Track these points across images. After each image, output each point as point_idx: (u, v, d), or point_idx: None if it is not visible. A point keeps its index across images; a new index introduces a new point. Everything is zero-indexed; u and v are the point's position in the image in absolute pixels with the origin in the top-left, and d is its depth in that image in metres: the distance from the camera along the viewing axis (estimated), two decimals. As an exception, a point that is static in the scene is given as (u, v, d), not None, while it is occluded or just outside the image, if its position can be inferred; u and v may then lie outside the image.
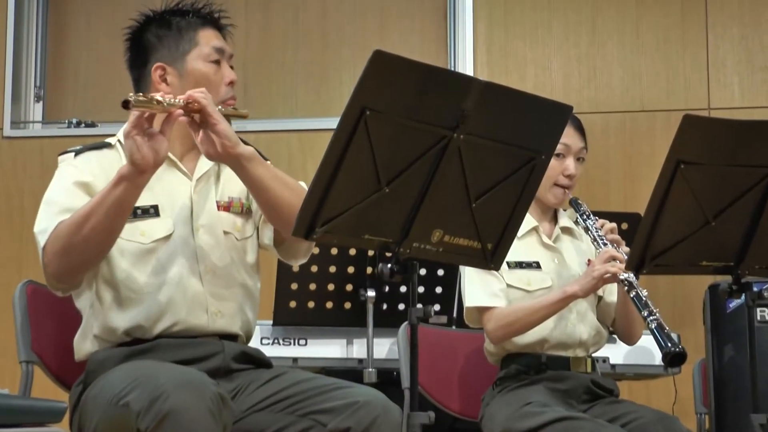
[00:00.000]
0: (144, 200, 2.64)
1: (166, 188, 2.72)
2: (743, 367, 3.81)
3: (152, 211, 2.69)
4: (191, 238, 2.71)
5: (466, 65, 5.38)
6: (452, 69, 5.31)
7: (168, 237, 2.69)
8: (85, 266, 2.59)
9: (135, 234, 2.66)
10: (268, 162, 2.72)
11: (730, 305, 3.95)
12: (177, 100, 2.49)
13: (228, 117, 2.64)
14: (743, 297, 2.89)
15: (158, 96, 2.45)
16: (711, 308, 4.05)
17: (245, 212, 2.82)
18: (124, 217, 2.54)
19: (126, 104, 2.37)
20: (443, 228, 2.45)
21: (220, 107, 2.61)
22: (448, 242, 2.47)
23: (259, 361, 2.75)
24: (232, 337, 2.73)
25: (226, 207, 2.78)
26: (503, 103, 2.42)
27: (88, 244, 2.50)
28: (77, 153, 2.74)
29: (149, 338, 2.64)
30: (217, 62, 2.79)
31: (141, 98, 2.41)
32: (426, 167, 2.36)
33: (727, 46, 5.27)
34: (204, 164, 2.79)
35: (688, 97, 5.24)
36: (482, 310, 3.30)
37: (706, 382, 4.03)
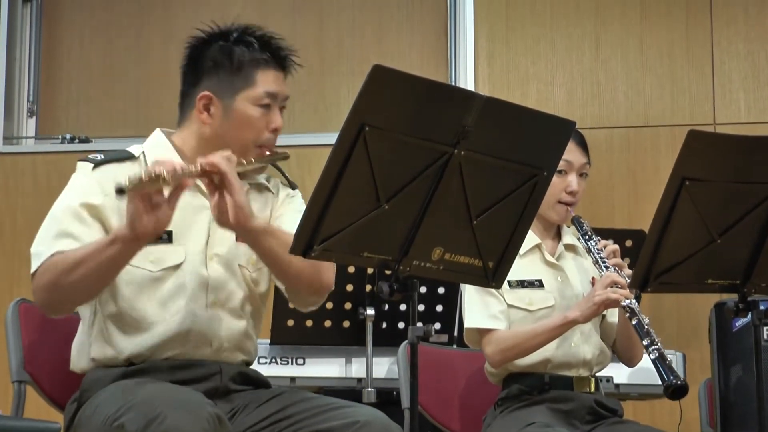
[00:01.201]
0: None
1: (186, 214, 2.62)
2: (750, 387, 3.76)
3: (165, 237, 2.61)
4: (203, 267, 2.65)
5: (467, 80, 5.36)
6: (453, 84, 5.28)
7: (178, 266, 2.63)
8: (72, 303, 2.57)
9: (144, 261, 2.59)
10: (297, 190, 2.75)
11: (737, 324, 3.92)
12: (193, 168, 2.38)
13: (268, 162, 2.64)
14: (750, 316, 2.86)
15: (165, 172, 2.29)
16: (717, 327, 4.02)
17: None
18: (115, 272, 2.49)
19: (120, 192, 2.26)
20: (444, 246, 2.42)
21: (256, 155, 2.60)
22: (449, 260, 2.45)
23: (257, 382, 2.72)
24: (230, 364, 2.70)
25: None
26: (505, 118, 2.40)
27: (75, 288, 2.47)
28: (96, 165, 2.65)
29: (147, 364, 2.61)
30: (268, 106, 2.69)
31: (142, 181, 2.26)
32: (426, 184, 2.34)
33: (732, 62, 5.24)
34: None
35: (693, 113, 5.22)
36: (482, 332, 3.26)
37: (712, 402, 3.99)
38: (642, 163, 5.22)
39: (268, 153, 2.68)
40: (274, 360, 3.92)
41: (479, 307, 3.26)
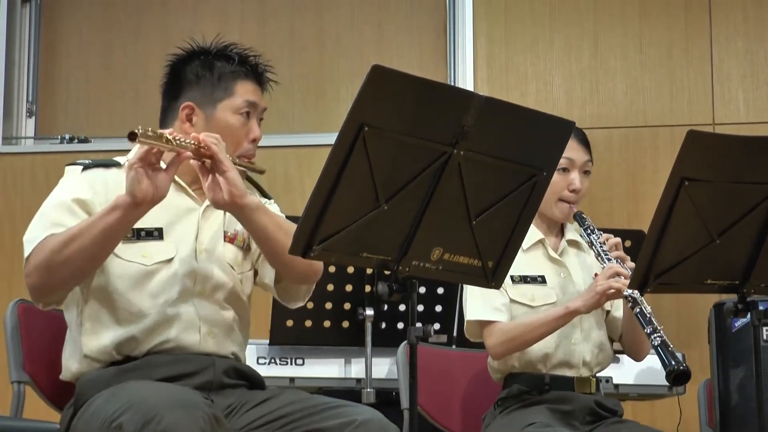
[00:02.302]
0: (149, 222, 2.65)
1: (174, 212, 2.72)
2: (749, 388, 3.77)
3: (156, 234, 2.69)
4: (193, 259, 2.70)
5: (466, 80, 5.35)
6: (452, 84, 5.28)
7: (170, 260, 2.68)
8: (63, 285, 2.58)
9: (137, 255, 2.66)
10: (272, 200, 2.81)
11: (736, 324, 3.91)
12: (187, 142, 2.49)
13: (244, 171, 2.68)
14: (749, 316, 2.86)
15: (167, 134, 2.45)
16: (716, 327, 4.01)
17: (246, 248, 2.82)
18: (111, 245, 2.54)
19: (132, 137, 2.36)
20: (443, 246, 2.43)
21: (237, 160, 2.64)
22: (448, 260, 2.45)
23: (251, 378, 2.74)
24: (222, 358, 2.71)
25: (231, 239, 2.79)
26: (504, 118, 2.40)
27: (69, 265, 2.50)
28: (85, 167, 2.73)
29: (139, 355, 2.62)
30: (247, 114, 2.78)
31: (149, 133, 2.39)
32: (425, 184, 2.34)
33: (731, 61, 5.24)
34: None
35: (692, 112, 5.21)
36: (483, 324, 3.26)
37: (712, 402, 3.99)
38: (641, 163, 5.22)
39: (248, 161, 2.76)
40: (273, 360, 3.92)
41: (481, 300, 3.26)
